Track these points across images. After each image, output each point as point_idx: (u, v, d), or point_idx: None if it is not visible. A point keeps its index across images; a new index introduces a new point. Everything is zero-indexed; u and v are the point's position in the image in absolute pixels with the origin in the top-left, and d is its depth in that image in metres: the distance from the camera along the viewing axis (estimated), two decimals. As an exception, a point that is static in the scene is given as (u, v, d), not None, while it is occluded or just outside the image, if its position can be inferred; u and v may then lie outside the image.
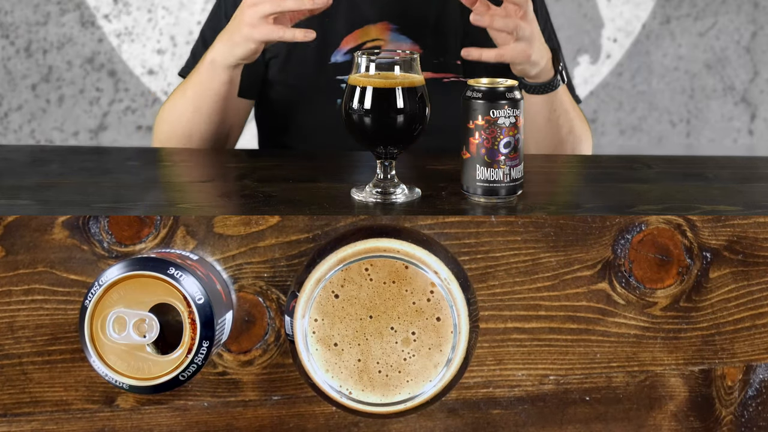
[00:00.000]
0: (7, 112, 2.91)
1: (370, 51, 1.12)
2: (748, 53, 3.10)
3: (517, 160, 1.10)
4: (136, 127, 2.94)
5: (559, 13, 2.98)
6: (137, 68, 2.92)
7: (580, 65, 3.06)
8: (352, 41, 1.56)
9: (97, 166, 1.33)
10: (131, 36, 2.91)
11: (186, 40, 2.91)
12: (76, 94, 2.91)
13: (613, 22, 3.05)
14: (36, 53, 2.88)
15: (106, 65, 2.91)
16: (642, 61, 3.07)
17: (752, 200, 1.15)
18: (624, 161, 1.39)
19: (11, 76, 2.89)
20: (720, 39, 3.08)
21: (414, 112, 1.10)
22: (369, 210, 1.08)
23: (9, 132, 2.92)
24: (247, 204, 1.13)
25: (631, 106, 3.09)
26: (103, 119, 2.93)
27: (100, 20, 2.89)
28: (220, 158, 1.41)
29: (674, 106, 3.10)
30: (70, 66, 2.89)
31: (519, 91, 1.10)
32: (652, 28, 3.06)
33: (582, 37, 3.05)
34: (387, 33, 1.57)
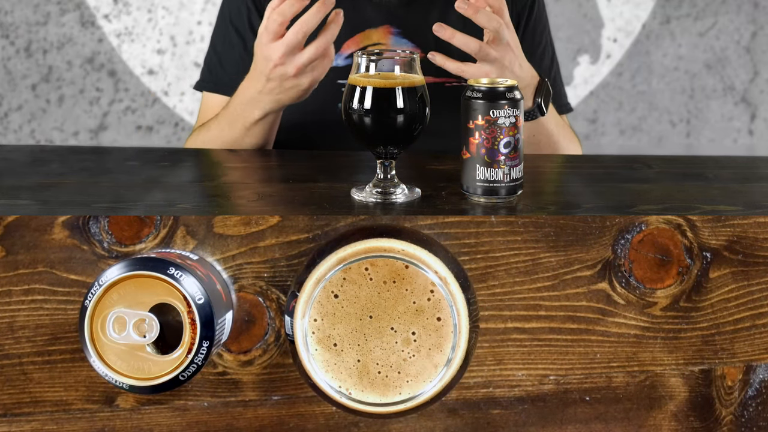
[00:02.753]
0: (7, 112, 2.90)
1: (370, 51, 1.12)
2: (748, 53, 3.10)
3: (517, 160, 1.10)
4: (136, 127, 2.94)
5: (559, 13, 2.98)
6: (137, 68, 2.92)
7: (580, 65, 3.06)
8: (353, 45, 1.56)
9: (97, 166, 1.33)
10: (131, 36, 2.91)
11: (186, 40, 2.91)
12: (76, 94, 2.91)
13: (613, 22, 3.05)
14: (36, 53, 2.88)
15: (106, 65, 2.91)
16: (642, 61, 3.07)
17: (752, 200, 1.15)
18: (624, 161, 1.39)
19: (11, 76, 2.89)
20: (720, 39, 3.08)
21: (414, 112, 1.10)
22: (369, 210, 1.08)
23: (9, 132, 2.92)
24: (247, 204, 1.13)
25: (631, 106, 3.09)
26: (103, 119, 2.93)
27: (100, 20, 2.89)
28: (220, 158, 1.41)
29: (674, 106, 3.10)
30: (70, 66, 2.89)
31: (519, 91, 1.10)
32: (652, 28, 3.06)
33: (582, 37, 3.05)
34: (389, 37, 1.56)
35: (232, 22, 1.60)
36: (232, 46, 1.59)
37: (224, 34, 1.61)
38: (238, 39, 1.59)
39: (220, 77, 1.59)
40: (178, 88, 2.92)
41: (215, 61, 1.61)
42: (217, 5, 1.75)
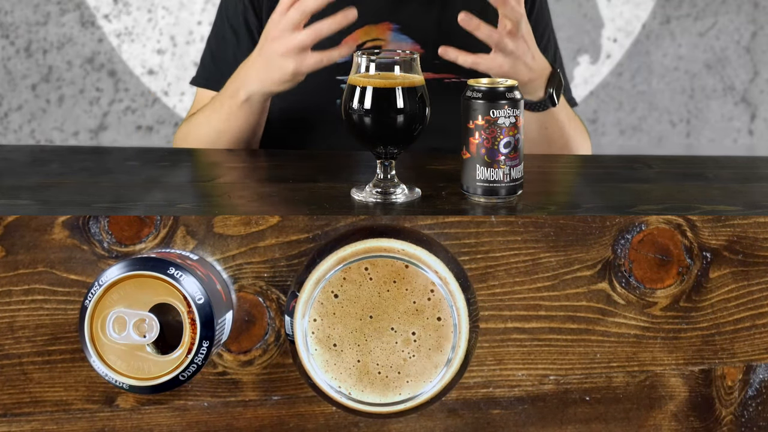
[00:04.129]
0: (7, 112, 2.90)
1: (370, 51, 1.12)
2: (748, 53, 3.10)
3: (517, 160, 1.10)
4: (136, 127, 2.94)
5: (559, 13, 2.98)
6: (137, 68, 2.92)
7: (580, 65, 3.06)
8: (353, 41, 1.56)
9: (97, 166, 1.33)
10: (131, 36, 2.91)
11: (186, 40, 2.91)
12: (76, 94, 2.91)
13: (613, 22, 3.05)
14: (36, 53, 2.88)
15: (106, 65, 2.91)
16: (642, 61, 3.07)
17: (752, 200, 1.15)
18: (624, 161, 1.39)
19: (11, 76, 2.89)
20: (720, 39, 3.08)
21: (414, 112, 1.10)
22: (369, 210, 1.08)
23: (9, 132, 2.92)
24: (247, 204, 1.13)
25: (631, 106, 3.09)
26: (103, 119, 2.93)
27: (100, 20, 2.89)
28: (220, 158, 1.41)
29: (674, 106, 3.10)
30: (70, 66, 2.89)
31: (519, 91, 1.10)
32: (652, 28, 3.06)
33: (582, 37, 3.05)
34: (388, 33, 1.56)
35: (228, 19, 1.60)
36: (226, 43, 1.60)
37: (220, 31, 1.61)
38: (233, 36, 1.59)
39: (213, 73, 1.60)
40: (178, 88, 2.92)
41: (209, 58, 1.62)
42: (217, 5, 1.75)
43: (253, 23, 1.59)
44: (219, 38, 1.62)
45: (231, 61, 1.57)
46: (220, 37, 1.61)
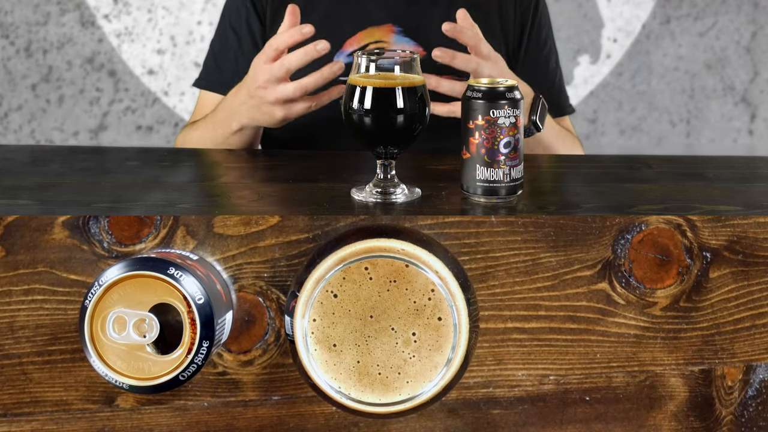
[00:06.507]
0: (7, 112, 2.90)
1: (370, 51, 1.12)
2: (748, 53, 3.10)
3: (517, 160, 1.10)
4: (136, 127, 2.94)
5: (559, 13, 2.98)
6: (137, 68, 2.92)
7: (580, 65, 3.06)
8: (356, 43, 1.56)
9: (97, 166, 1.33)
10: (131, 36, 2.91)
11: (186, 40, 2.91)
12: (76, 94, 2.91)
13: (613, 22, 3.05)
14: (36, 53, 2.88)
15: (106, 65, 2.91)
16: (642, 61, 3.07)
17: (752, 200, 1.15)
18: (624, 161, 1.39)
19: (11, 76, 2.89)
20: (720, 39, 3.08)
21: (414, 112, 1.10)
22: (369, 210, 1.08)
23: (9, 132, 2.92)
24: (247, 204, 1.13)
25: (631, 106, 3.09)
26: (103, 119, 2.93)
27: (100, 20, 2.89)
28: (220, 158, 1.41)
29: (674, 106, 3.10)
30: (70, 66, 2.89)
31: (519, 91, 1.10)
32: (652, 28, 3.06)
33: (582, 37, 3.05)
34: (391, 35, 1.57)
35: (230, 22, 1.61)
36: (228, 45, 1.61)
37: (222, 34, 1.62)
38: (235, 39, 1.60)
39: (215, 76, 1.61)
40: (178, 88, 2.92)
41: (212, 60, 1.63)
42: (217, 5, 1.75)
43: (256, 28, 1.59)
44: (221, 42, 1.62)
45: (233, 65, 1.58)
46: (223, 41, 1.62)
